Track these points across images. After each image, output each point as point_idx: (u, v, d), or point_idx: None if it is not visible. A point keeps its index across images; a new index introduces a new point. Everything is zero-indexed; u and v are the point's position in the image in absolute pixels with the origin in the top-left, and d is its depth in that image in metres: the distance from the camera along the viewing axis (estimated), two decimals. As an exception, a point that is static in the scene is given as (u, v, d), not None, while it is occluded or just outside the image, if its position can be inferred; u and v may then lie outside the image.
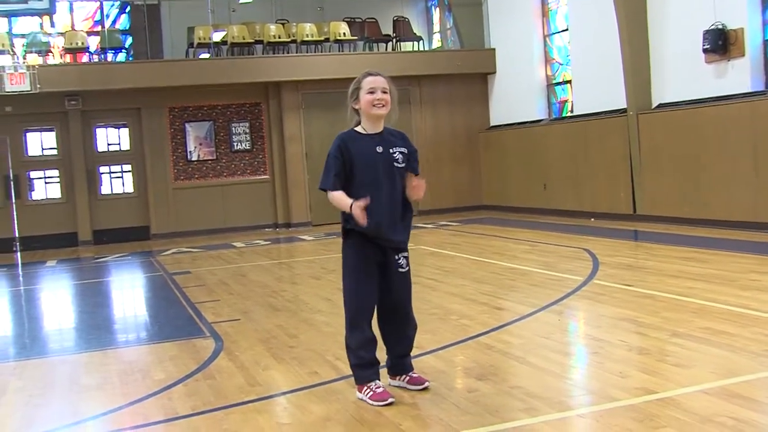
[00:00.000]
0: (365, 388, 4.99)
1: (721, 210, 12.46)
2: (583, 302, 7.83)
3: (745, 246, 10.50)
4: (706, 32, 12.57)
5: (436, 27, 22.07)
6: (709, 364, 5.30)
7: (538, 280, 9.19)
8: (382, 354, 5.16)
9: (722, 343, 5.76)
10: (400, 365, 5.24)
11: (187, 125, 18.31)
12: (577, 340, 6.77)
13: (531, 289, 8.70)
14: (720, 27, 12.44)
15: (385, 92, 5.11)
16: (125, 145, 18.32)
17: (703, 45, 12.64)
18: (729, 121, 12.25)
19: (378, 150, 5.01)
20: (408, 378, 5.20)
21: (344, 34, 19.05)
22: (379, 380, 5.01)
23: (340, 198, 4.88)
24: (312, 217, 18.50)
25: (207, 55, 18.44)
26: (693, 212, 12.99)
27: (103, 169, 18.15)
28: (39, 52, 17.91)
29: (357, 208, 4.70)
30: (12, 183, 17.32)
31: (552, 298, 7.91)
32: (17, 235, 17.30)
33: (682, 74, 13.46)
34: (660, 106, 13.96)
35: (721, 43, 12.42)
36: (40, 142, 17.87)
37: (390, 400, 4.89)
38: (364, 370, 5.03)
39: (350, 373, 5.21)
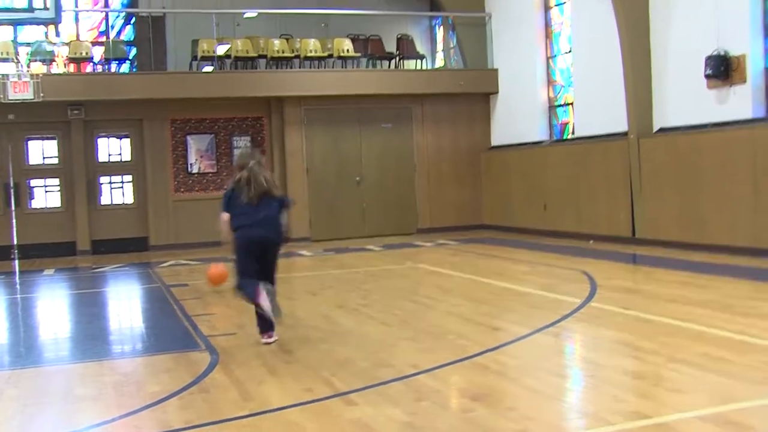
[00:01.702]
0: None
1: (720, 235, 12.46)
2: (581, 325, 7.82)
3: (745, 272, 10.49)
4: (709, 58, 12.61)
5: (440, 46, 22.13)
6: (705, 390, 5.29)
7: (536, 301, 9.18)
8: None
9: (719, 370, 5.75)
10: None
11: (188, 137, 18.33)
12: (574, 362, 6.76)
13: (529, 311, 8.69)
14: (722, 53, 12.48)
15: None
16: (126, 156, 18.32)
17: (705, 70, 12.68)
18: (730, 148, 12.27)
19: None
20: None
21: (348, 50, 19.09)
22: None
23: None
24: (311, 232, 18.49)
25: (210, 68, 18.48)
26: (692, 237, 12.99)
27: (103, 179, 18.14)
28: (43, 61, 17.94)
29: None
30: (12, 191, 17.32)
31: (549, 319, 7.90)
32: (15, 242, 17.28)
33: (684, 99, 13.50)
34: (661, 130, 13.99)
35: (723, 69, 12.45)
36: (42, 151, 17.87)
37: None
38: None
39: (346, 389, 5.22)
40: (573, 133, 16.90)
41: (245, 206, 7.38)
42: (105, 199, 18.15)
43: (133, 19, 20.08)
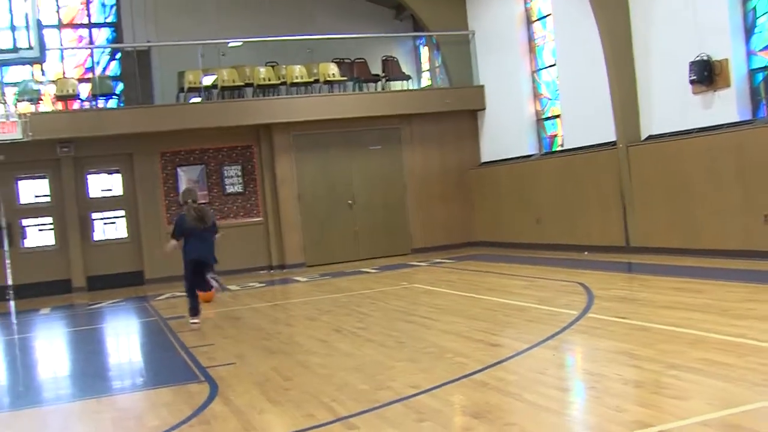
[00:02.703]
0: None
1: (712, 239, 12.49)
2: (579, 336, 7.81)
3: (738, 275, 10.51)
4: (692, 63, 12.69)
5: (425, 66, 22.24)
6: (706, 396, 5.28)
7: (533, 315, 9.17)
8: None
9: (719, 374, 5.74)
10: None
11: (179, 169, 18.35)
12: (573, 375, 6.75)
13: (526, 325, 8.68)
14: (705, 58, 12.56)
15: None
16: (118, 191, 18.33)
17: (690, 76, 12.75)
18: (717, 151, 12.33)
19: None
20: None
21: (333, 74, 19.17)
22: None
23: None
24: (306, 258, 18.49)
25: (198, 99, 18.51)
26: (685, 242, 13.02)
27: (95, 215, 18.14)
28: (30, 100, 17.95)
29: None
30: (5, 231, 17.27)
31: (547, 333, 7.89)
32: (10, 283, 17.20)
33: (670, 105, 13.57)
34: (649, 137, 14.04)
35: (706, 74, 12.53)
36: (33, 190, 17.87)
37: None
38: None
39: (347, 414, 5.20)
40: (562, 145, 16.96)
41: (189, 232, 10.34)
42: (98, 235, 18.15)
43: (119, 54, 20.14)
